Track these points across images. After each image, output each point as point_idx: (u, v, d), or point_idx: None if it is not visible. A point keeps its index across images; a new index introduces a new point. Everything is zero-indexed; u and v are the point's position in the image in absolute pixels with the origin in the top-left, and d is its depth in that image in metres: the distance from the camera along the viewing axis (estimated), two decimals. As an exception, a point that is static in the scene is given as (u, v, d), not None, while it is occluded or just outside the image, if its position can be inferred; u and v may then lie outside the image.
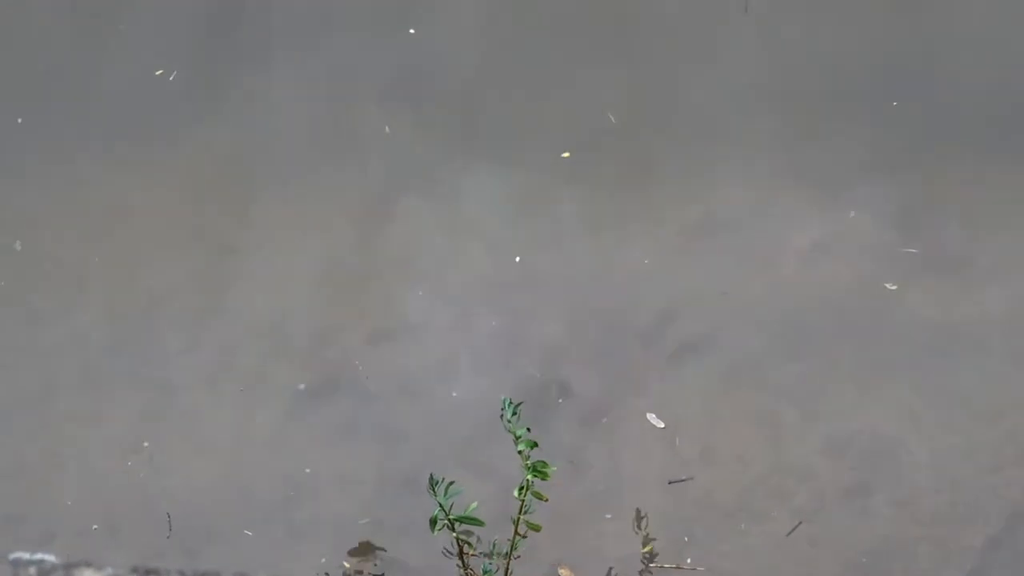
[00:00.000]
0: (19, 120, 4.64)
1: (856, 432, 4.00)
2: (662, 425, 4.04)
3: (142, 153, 4.57)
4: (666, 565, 3.86)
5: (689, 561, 3.86)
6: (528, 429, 3.37)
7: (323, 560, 3.90)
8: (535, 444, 3.34)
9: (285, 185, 4.51)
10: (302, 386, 4.16)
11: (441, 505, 3.36)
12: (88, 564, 1.67)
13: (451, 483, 3.36)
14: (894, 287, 4.16)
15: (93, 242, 4.42)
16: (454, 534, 3.54)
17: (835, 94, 4.57)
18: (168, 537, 3.83)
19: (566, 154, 4.50)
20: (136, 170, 4.55)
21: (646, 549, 3.89)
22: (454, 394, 4.12)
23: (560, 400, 4.10)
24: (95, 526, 3.82)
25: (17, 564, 1.66)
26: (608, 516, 3.94)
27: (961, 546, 3.83)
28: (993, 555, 3.82)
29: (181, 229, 4.45)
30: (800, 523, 3.86)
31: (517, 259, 4.29)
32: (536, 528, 3.54)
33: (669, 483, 3.97)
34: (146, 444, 4.05)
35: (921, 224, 4.32)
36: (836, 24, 4.67)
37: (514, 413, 3.38)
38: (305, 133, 4.61)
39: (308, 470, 4.04)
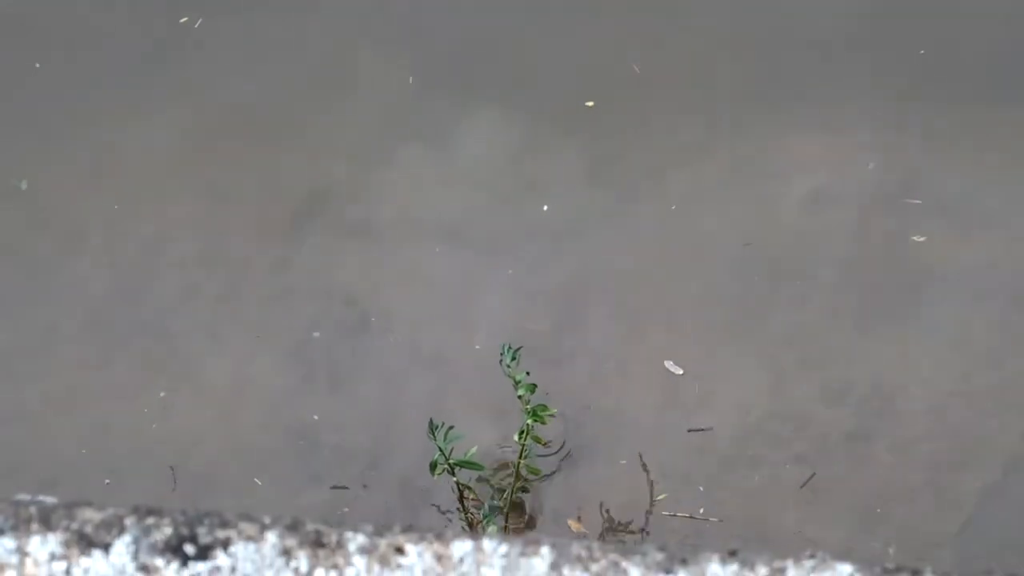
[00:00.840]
0: (37, 65, 4.62)
1: (856, 379, 4.00)
2: (680, 372, 4.03)
3: (146, 98, 4.56)
4: (680, 514, 3.84)
5: (702, 511, 3.84)
6: (527, 373, 3.38)
7: (345, 510, 3.89)
8: (534, 387, 3.35)
9: (292, 132, 4.50)
10: (317, 334, 4.15)
11: (441, 449, 3.38)
12: (89, 504, 1.68)
13: (451, 428, 3.37)
14: (921, 239, 4.13)
15: (96, 186, 4.42)
16: (454, 479, 3.55)
17: (851, 42, 4.55)
18: (173, 490, 3.84)
19: (590, 103, 4.47)
20: (140, 115, 4.54)
21: (660, 497, 3.87)
22: (477, 347, 4.09)
23: (572, 346, 4.10)
24: (107, 480, 3.84)
25: (18, 504, 1.67)
26: (623, 462, 3.93)
27: (960, 492, 3.84)
28: (991, 500, 3.83)
29: (183, 174, 4.44)
30: (814, 474, 3.85)
31: (545, 207, 4.26)
32: (536, 472, 3.56)
33: (688, 431, 3.95)
34: (162, 394, 4.04)
35: (923, 169, 4.31)
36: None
37: (513, 358, 3.39)
38: (311, 80, 4.59)
39: (316, 417, 4.04)
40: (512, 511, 3.71)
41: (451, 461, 3.40)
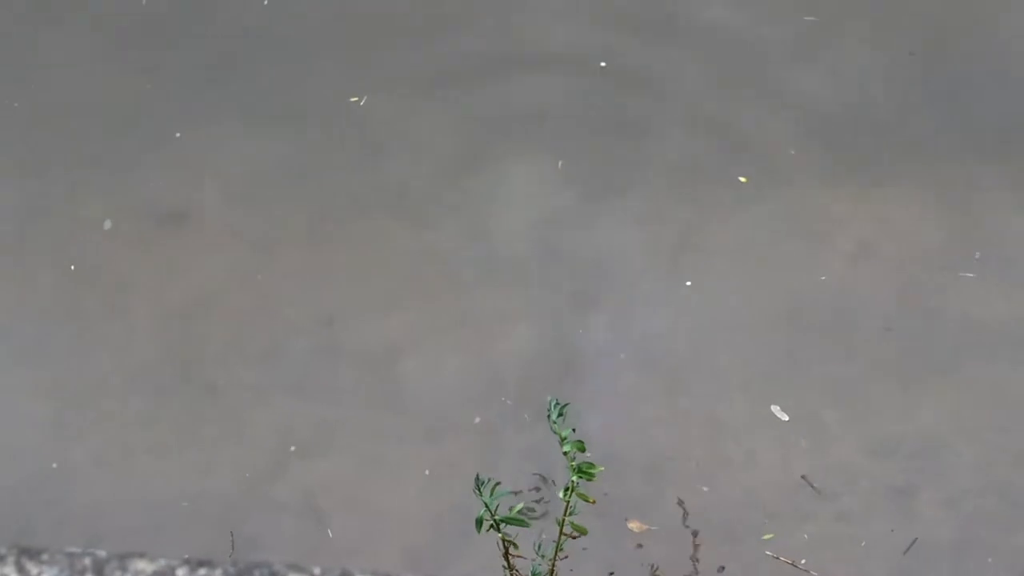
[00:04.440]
0: (177, 135, 4.68)
1: (902, 433, 3.98)
2: (786, 418, 4.01)
3: (189, 160, 4.62)
4: (783, 559, 3.80)
5: (804, 562, 3.80)
6: (573, 430, 3.36)
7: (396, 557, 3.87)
8: (583, 446, 3.32)
9: (332, 191, 4.54)
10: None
11: (487, 505, 3.36)
12: (141, 555, 1.70)
13: (497, 483, 3.35)
14: (967, 290, 4.10)
15: (138, 242, 4.46)
16: (500, 535, 3.53)
17: (894, 99, 4.56)
18: (230, 555, 3.82)
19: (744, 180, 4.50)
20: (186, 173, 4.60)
21: (767, 537, 3.85)
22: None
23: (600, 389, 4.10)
24: (153, 537, 3.83)
25: (72, 556, 1.69)
26: (706, 489, 3.90)
27: (1010, 548, 3.80)
28: (1042, 557, 3.79)
29: (225, 231, 4.48)
30: (916, 539, 3.81)
31: (688, 283, 4.26)
32: (583, 531, 3.53)
33: (801, 477, 3.92)
34: (292, 448, 4.02)
35: (965, 223, 4.31)
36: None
37: (560, 414, 3.37)
38: (356, 131, 4.63)
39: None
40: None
41: (496, 517, 3.38)
